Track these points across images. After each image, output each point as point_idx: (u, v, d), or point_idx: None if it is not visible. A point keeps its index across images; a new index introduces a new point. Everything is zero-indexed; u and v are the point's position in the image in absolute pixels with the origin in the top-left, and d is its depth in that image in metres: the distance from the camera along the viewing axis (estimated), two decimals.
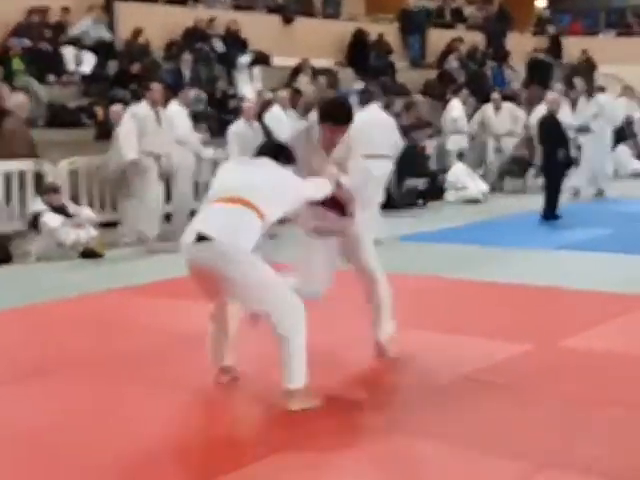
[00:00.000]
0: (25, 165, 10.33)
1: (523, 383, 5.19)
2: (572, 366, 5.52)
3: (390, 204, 13.20)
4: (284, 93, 13.45)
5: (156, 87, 10.48)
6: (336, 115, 5.29)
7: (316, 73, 16.66)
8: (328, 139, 5.32)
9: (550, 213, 11.86)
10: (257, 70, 15.70)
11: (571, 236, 10.69)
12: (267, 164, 4.90)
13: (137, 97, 10.76)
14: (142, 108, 10.29)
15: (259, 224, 4.65)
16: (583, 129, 14.49)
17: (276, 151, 5.02)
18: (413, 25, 20.31)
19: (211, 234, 4.58)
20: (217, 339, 5.10)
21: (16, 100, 10.78)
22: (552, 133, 11.93)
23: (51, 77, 13.63)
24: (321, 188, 5.03)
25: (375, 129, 9.85)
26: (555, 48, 23.17)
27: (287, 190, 4.83)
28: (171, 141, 10.49)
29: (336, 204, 5.20)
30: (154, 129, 10.25)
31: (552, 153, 11.86)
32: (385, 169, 10.36)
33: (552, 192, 11.92)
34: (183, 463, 4.22)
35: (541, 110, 13.46)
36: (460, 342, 6.02)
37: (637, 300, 7.20)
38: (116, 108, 11.28)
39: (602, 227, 11.30)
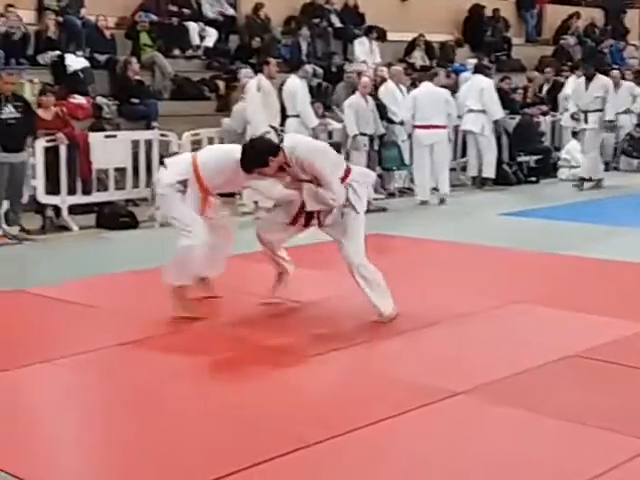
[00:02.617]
0: (151, 135, 10.86)
1: (632, 361, 5.26)
2: None
3: (502, 180, 13.30)
4: (398, 68, 13.61)
5: (273, 62, 10.86)
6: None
7: (430, 48, 16.77)
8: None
9: None
10: (373, 45, 15.87)
11: None
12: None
13: (257, 71, 11.11)
14: (265, 82, 10.63)
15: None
16: None
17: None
18: (529, 0, 20.15)
19: None
20: None
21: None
22: None
23: (176, 51, 14.06)
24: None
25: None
26: None
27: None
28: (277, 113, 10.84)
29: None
30: (273, 102, 10.65)
31: None
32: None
33: None
34: None
35: None
36: (571, 319, 6.10)
37: None
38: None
39: None
